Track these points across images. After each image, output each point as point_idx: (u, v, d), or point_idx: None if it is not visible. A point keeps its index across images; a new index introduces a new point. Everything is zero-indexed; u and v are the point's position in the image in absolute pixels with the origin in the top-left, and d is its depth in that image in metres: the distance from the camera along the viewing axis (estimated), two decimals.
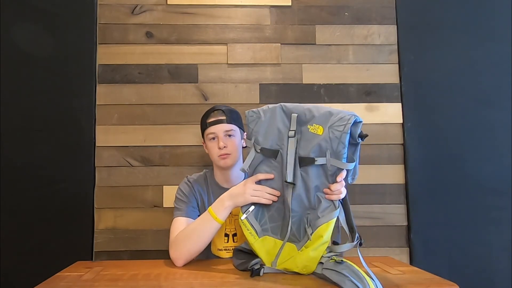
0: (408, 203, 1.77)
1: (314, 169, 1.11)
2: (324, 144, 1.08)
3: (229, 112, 1.41)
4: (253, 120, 1.20)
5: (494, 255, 1.75)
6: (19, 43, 1.75)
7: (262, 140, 1.18)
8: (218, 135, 1.38)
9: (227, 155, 1.37)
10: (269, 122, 1.18)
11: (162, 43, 1.81)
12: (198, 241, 1.24)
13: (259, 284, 1.04)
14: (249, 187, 1.19)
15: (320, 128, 1.09)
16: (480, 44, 1.85)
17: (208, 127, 1.40)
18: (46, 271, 1.14)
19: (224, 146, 1.36)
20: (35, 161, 1.70)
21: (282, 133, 1.15)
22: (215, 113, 1.41)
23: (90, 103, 1.75)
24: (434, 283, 1.06)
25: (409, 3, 1.87)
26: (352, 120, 1.05)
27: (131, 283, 1.07)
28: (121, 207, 1.73)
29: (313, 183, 1.11)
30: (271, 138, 1.17)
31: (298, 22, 1.85)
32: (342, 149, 1.05)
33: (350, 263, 1.01)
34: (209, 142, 1.41)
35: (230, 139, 1.39)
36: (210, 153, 1.42)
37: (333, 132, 1.06)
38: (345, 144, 1.05)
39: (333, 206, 1.08)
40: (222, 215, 1.22)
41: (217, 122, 1.39)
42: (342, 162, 1.06)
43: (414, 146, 1.79)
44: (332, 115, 1.08)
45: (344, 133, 1.05)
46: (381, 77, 1.84)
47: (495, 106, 1.83)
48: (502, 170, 1.79)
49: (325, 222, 1.07)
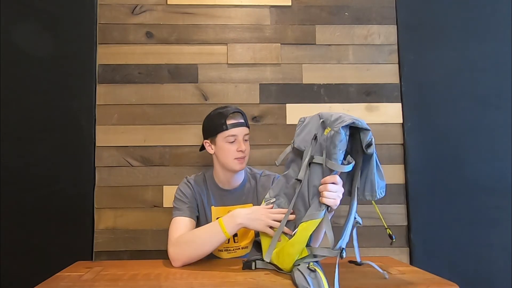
0: (408, 203, 1.77)
1: (316, 168, 1.12)
2: (323, 143, 1.10)
3: (244, 115, 1.42)
4: (299, 124, 1.26)
5: (494, 255, 1.75)
6: (19, 43, 1.75)
7: (297, 141, 1.22)
8: (238, 138, 1.37)
9: (243, 158, 1.38)
10: (307, 126, 1.23)
11: (162, 43, 1.81)
12: (201, 248, 1.24)
13: (259, 284, 1.04)
14: (270, 217, 1.19)
15: (328, 130, 1.11)
16: (480, 44, 1.85)
17: (228, 129, 1.37)
18: (46, 271, 1.14)
19: (245, 148, 1.38)
20: (35, 161, 1.70)
21: (310, 136, 1.19)
22: (234, 115, 1.39)
23: (90, 103, 1.75)
24: (434, 283, 1.06)
25: (409, 3, 1.87)
26: (348, 122, 1.04)
27: (131, 283, 1.07)
28: (121, 207, 1.73)
29: (312, 182, 1.12)
30: (303, 140, 1.21)
31: (298, 22, 1.85)
32: (333, 149, 1.06)
33: (322, 276, 0.98)
34: (225, 144, 1.37)
35: (247, 143, 1.41)
36: (224, 154, 1.38)
37: (330, 132, 1.08)
38: (335, 144, 1.05)
39: (318, 208, 1.08)
40: (232, 231, 1.22)
41: (238, 124, 1.38)
42: (333, 163, 1.06)
43: (414, 146, 1.79)
44: (340, 118, 1.09)
45: (337, 133, 1.05)
46: (381, 77, 1.84)
47: (495, 106, 1.83)
48: (502, 170, 1.79)
49: (305, 221, 1.08)
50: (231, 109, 1.40)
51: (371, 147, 1.06)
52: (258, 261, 1.19)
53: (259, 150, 1.77)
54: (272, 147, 1.78)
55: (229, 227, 1.21)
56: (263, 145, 1.78)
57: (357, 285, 1.03)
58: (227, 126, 1.37)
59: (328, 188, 1.06)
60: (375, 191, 1.10)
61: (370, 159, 1.09)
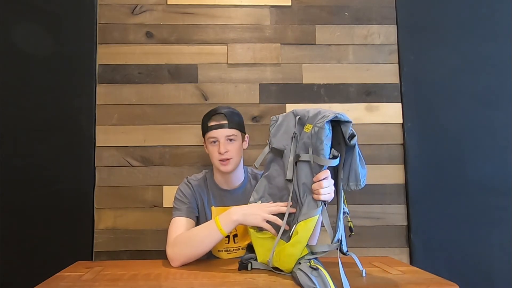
0: (408, 203, 1.77)
1: (303, 166, 1.13)
2: (308, 141, 1.12)
3: (230, 116, 1.39)
4: (272, 123, 1.27)
5: (494, 255, 1.75)
6: (19, 43, 1.75)
7: (274, 141, 1.24)
8: (219, 140, 1.37)
9: (227, 160, 1.37)
10: (282, 125, 1.24)
11: (162, 43, 1.81)
12: (199, 247, 1.24)
13: (259, 284, 1.04)
14: (265, 210, 1.18)
15: (309, 126, 1.12)
16: (480, 44, 1.85)
17: (209, 131, 1.39)
18: (46, 271, 1.14)
19: (226, 151, 1.36)
20: (35, 161, 1.70)
21: (289, 134, 1.20)
22: (216, 117, 1.39)
23: (90, 103, 1.75)
24: (434, 283, 1.06)
25: (409, 3, 1.87)
26: (331, 116, 1.06)
27: (131, 283, 1.07)
28: (121, 207, 1.73)
29: (301, 180, 1.13)
30: (281, 139, 1.22)
31: (298, 22, 1.85)
32: (320, 145, 1.07)
33: (325, 273, 0.99)
34: (210, 145, 1.40)
35: (231, 144, 1.39)
36: (211, 156, 1.41)
37: (314, 128, 1.09)
38: (322, 139, 1.07)
39: (314, 205, 1.09)
40: (228, 228, 1.22)
41: (218, 126, 1.38)
42: (321, 158, 1.07)
43: (414, 146, 1.79)
44: (320, 114, 1.11)
45: (322, 129, 1.07)
46: (381, 77, 1.84)
47: (495, 106, 1.83)
48: (502, 170, 1.79)
49: (303, 220, 1.08)
50: (214, 111, 1.41)
51: (354, 138, 1.09)
52: (254, 261, 1.19)
53: (259, 150, 1.74)
54: None
55: (225, 225, 1.21)
56: (263, 145, 1.75)
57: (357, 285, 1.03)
58: (208, 128, 1.39)
59: (323, 185, 1.07)
60: (359, 180, 1.11)
61: (353, 150, 1.11)
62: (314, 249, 1.09)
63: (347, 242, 1.12)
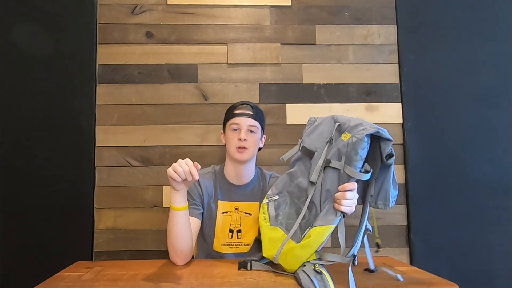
0: (408, 203, 1.77)
1: (331, 172, 1.12)
2: (343, 149, 1.10)
3: (256, 109, 1.44)
4: (310, 123, 1.26)
5: (494, 255, 1.75)
6: (19, 43, 1.75)
7: (307, 140, 1.22)
8: (241, 127, 1.40)
9: (244, 148, 1.38)
10: (318, 127, 1.22)
11: (162, 43, 1.81)
12: (176, 236, 1.21)
13: (259, 284, 1.04)
14: (173, 166, 1.11)
15: (348, 135, 1.10)
16: (480, 44, 1.86)
17: (233, 117, 1.41)
18: (46, 271, 1.14)
19: (245, 139, 1.38)
20: (35, 161, 1.70)
21: (324, 137, 1.18)
22: (243, 106, 1.43)
23: (90, 103, 1.75)
24: (434, 283, 1.06)
25: (409, 3, 1.87)
26: (372, 131, 1.04)
27: (131, 283, 1.07)
28: (121, 207, 1.73)
29: (325, 186, 1.11)
30: (314, 141, 1.20)
31: (298, 22, 1.85)
32: (354, 156, 1.05)
33: (328, 278, 0.99)
34: (230, 132, 1.42)
35: (251, 135, 1.41)
36: (228, 143, 1.42)
37: (352, 138, 1.07)
38: (357, 151, 1.05)
39: (334, 214, 1.07)
40: (176, 202, 1.18)
41: (243, 114, 1.41)
42: (352, 170, 1.05)
43: (414, 146, 1.79)
44: (361, 126, 1.09)
45: (360, 140, 1.05)
46: (381, 77, 1.84)
47: (495, 106, 1.83)
48: (502, 170, 1.79)
49: (319, 225, 1.07)
50: (242, 102, 1.46)
51: (392, 158, 1.07)
52: (254, 262, 1.18)
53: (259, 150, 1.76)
54: (272, 147, 1.78)
55: (173, 201, 1.18)
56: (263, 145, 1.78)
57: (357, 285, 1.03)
58: (233, 115, 1.42)
59: (347, 196, 1.05)
60: (388, 200, 1.10)
61: (388, 169, 1.09)
62: (324, 257, 1.08)
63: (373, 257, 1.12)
